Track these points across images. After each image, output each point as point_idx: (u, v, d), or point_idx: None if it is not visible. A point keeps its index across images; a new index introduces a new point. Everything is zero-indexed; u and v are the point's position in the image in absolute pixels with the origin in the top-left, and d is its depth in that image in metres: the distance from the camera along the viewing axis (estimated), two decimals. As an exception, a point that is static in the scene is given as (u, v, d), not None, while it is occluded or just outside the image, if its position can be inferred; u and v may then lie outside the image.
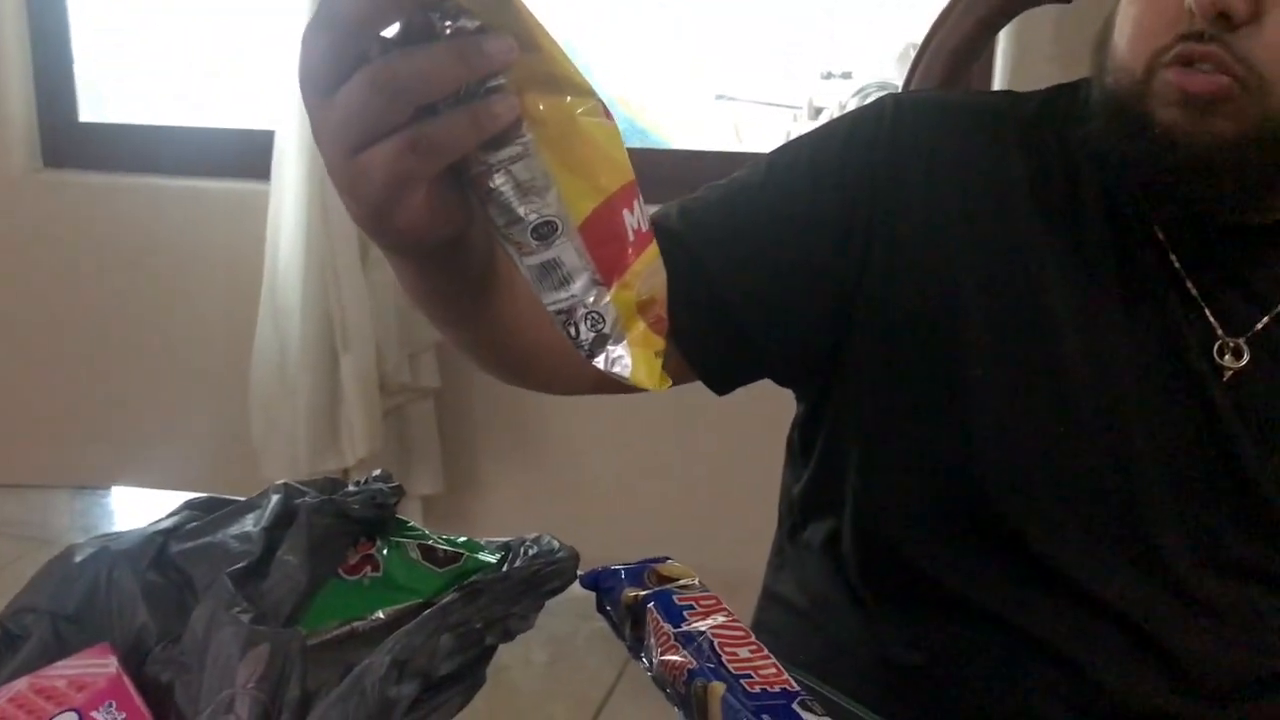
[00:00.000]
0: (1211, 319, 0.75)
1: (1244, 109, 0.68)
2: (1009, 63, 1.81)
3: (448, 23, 0.44)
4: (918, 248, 0.78)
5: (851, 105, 2.97)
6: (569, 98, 0.46)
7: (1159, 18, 0.71)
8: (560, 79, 0.46)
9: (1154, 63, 0.71)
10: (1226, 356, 0.75)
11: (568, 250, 0.46)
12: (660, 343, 0.49)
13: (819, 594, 0.87)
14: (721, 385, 0.84)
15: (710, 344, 0.80)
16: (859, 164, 0.80)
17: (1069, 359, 0.75)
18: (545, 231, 0.46)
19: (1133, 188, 0.76)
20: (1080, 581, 0.76)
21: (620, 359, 0.48)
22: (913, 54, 1.10)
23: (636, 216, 0.47)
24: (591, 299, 0.47)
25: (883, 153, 0.80)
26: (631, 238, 0.47)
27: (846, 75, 2.76)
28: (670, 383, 0.50)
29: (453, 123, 0.44)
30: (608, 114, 0.47)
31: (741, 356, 0.82)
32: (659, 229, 0.80)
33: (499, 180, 0.46)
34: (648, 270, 0.48)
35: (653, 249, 0.49)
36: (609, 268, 0.46)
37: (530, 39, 0.45)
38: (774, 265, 0.79)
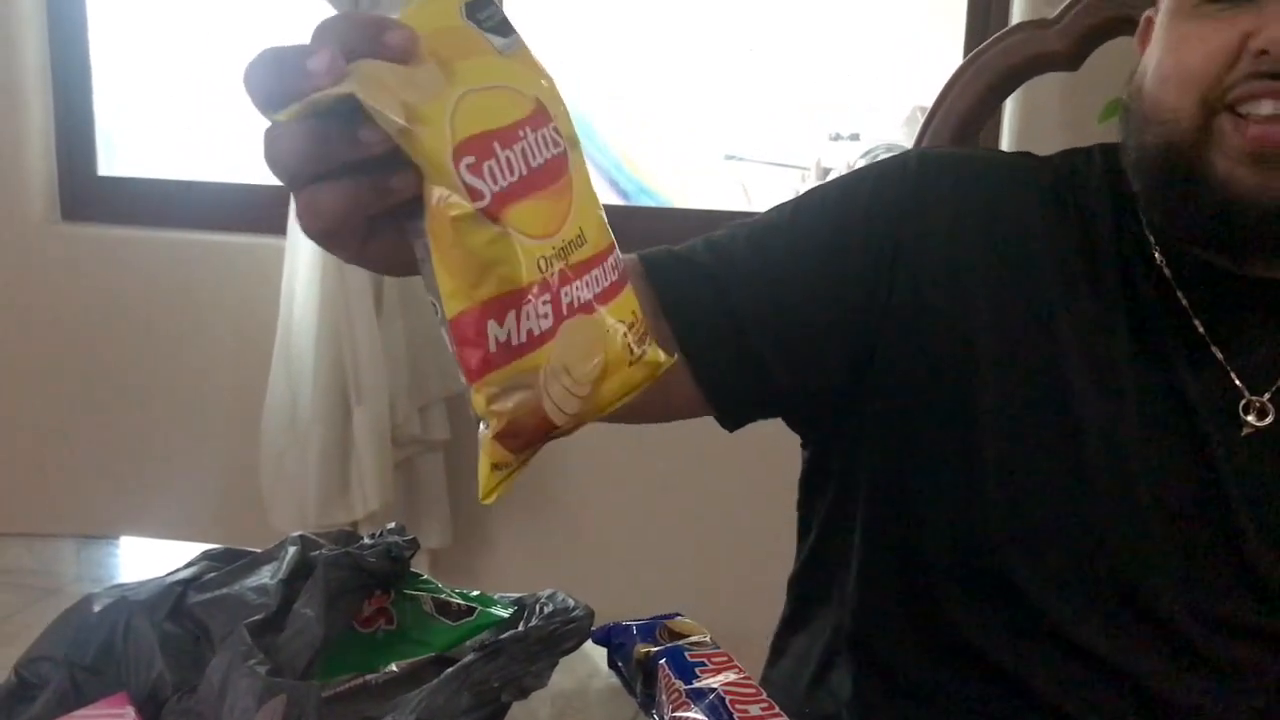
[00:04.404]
0: (1237, 380, 0.75)
1: None
2: (1016, 128, 1.83)
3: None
4: (939, 301, 0.78)
5: (860, 166, 2.98)
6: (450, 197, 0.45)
7: (1216, 59, 0.68)
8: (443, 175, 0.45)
9: (1212, 105, 0.68)
10: (1251, 415, 0.75)
11: (445, 335, 0.47)
12: (503, 456, 0.48)
13: (827, 648, 0.87)
14: (734, 419, 0.83)
15: (728, 375, 0.79)
16: (884, 218, 0.80)
17: (1080, 419, 0.75)
18: (435, 310, 0.47)
19: (1189, 243, 0.75)
20: (1079, 636, 0.76)
21: (483, 445, 0.48)
22: (920, 117, 1.12)
23: (508, 329, 0.46)
24: (463, 382, 0.48)
25: (908, 206, 0.80)
26: (493, 348, 0.46)
27: (854, 137, 2.79)
28: (494, 498, 0.49)
29: (337, 190, 0.46)
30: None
31: (759, 390, 0.80)
32: (685, 261, 0.80)
33: (419, 249, 0.47)
34: (510, 383, 0.47)
35: (521, 362, 0.47)
36: (467, 368, 0.47)
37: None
38: (798, 306, 0.79)
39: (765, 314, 0.78)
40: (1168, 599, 0.75)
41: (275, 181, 0.47)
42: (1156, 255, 0.77)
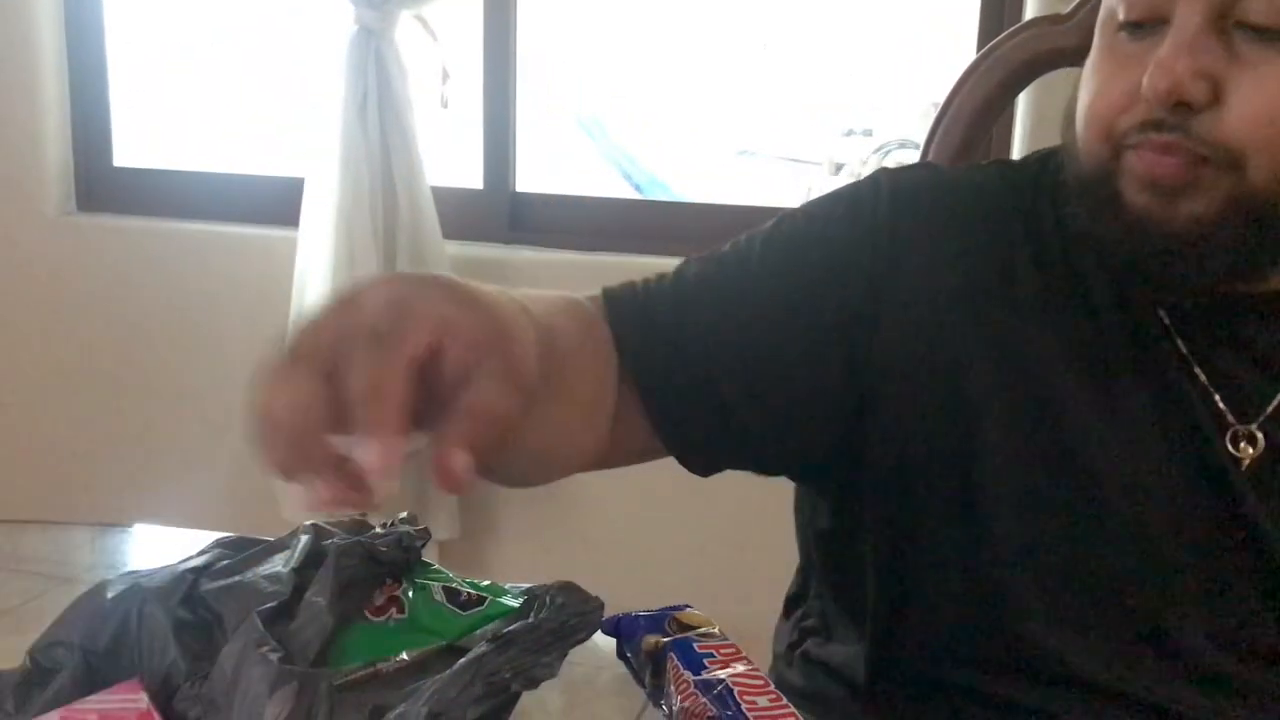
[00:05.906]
0: (1222, 405, 0.74)
1: (1215, 186, 0.67)
2: (1028, 123, 1.83)
3: None
4: (922, 339, 0.75)
5: (872, 162, 3.00)
6: None
7: (1116, 102, 0.70)
8: None
9: (1118, 145, 0.70)
10: (1241, 444, 0.73)
11: None
12: None
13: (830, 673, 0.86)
14: (704, 468, 0.81)
15: (697, 430, 0.77)
16: (856, 257, 0.77)
17: (1085, 448, 0.73)
18: None
19: (1117, 269, 0.74)
20: (1103, 677, 0.74)
21: None
22: (934, 113, 1.12)
23: None
24: None
25: (882, 241, 0.77)
26: None
27: (867, 133, 2.79)
28: None
29: None
30: None
31: (731, 443, 0.78)
32: (647, 309, 0.75)
33: None
34: None
35: None
36: None
37: None
38: (769, 354, 0.76)
39: (736, 363, 0.75)
40: (1192, 632, 0.73)
41: (289, 174, 0.47)
42: None
